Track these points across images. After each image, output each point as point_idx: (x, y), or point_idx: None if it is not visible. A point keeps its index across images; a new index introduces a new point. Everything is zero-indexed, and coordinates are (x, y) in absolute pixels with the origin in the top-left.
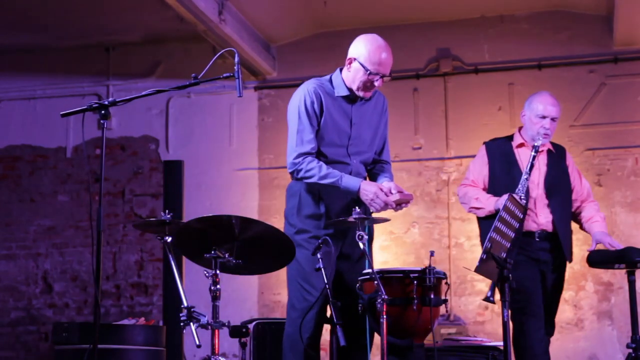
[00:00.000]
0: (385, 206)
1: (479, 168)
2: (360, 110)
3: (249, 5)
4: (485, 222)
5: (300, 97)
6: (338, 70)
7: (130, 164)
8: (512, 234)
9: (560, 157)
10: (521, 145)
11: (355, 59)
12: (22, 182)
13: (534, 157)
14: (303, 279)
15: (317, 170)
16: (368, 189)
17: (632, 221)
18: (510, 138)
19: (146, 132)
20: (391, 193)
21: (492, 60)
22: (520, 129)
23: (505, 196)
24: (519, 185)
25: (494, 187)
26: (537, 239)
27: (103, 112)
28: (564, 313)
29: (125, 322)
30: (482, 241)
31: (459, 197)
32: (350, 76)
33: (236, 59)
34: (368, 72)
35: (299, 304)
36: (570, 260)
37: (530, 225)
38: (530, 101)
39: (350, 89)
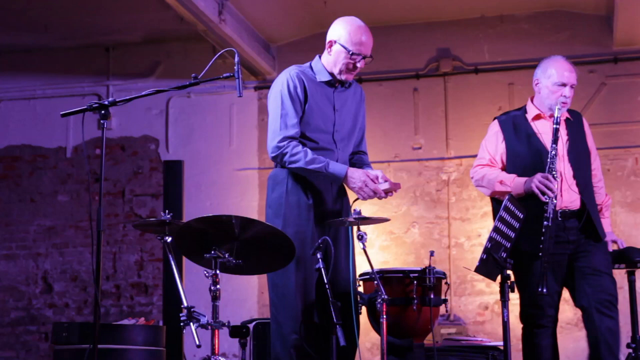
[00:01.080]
0: (374, 194)
1: (495, 145)
2: (342, 97)
3: (249, 5)
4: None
5: (282, 82)
6: (317, 57)
7: (130, 164)
8: (512, 234)
9: (578, 125)
10: (538, 117)
11: (335, 41)
12: (22, 182)
13: (557, 129)
14: (287, 276)
15: (302, 155)
16: (356, 176)
17: (632, 221)
18: (522, 110)
19: (146, 132)
20: (378, 181)
21: (492, 60)
22: (532, 98)
23: (524, 181)
24: (549, 163)
25: (514, 166)
26: (560, 219)
27: (103, 112)
28: (564, 313)
29: (125, 322)
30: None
31: (475, 180)
32: (332, 59)
33: (236, 59)
34: (350, 52)
35: (284, 302)
36: (603, 237)
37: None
38: (545, 67)
39: (331, 74)
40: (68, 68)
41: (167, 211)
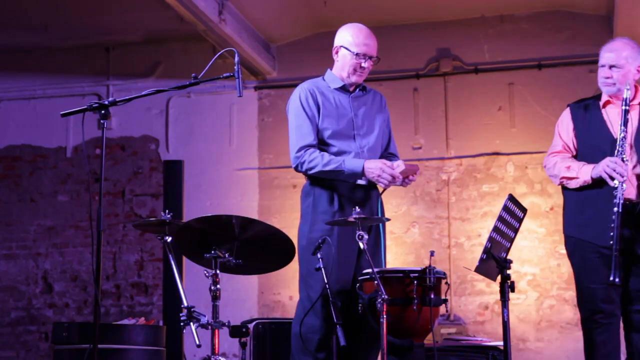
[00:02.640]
0: (393, 180)
1: (566, 132)
2: (358, 102)
3: (249, 5)
4: (575, 194)
5: (295, 97)
6: (328, 69)
7: (130, 164)
8: (512, 234)
9: None
10: (608, 102)
11: (341, 47)
12: (22, 182)
13: (626, 110)
14: (315, 279)
15: (319, 159)
16: (373, 166)
17: None
18: (597, 97)
19: (146, 132)
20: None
21: (492, 60)
22: None
23: (585, 172)
24: (617, 146)
25: (583, 154)
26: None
27: (103, 112)
28: (564, 313)
29: (125, 322)
30: (568, 222)
31: (547, 168)
32: (340, 64)
33: (236, 59)
34: (355, 54)
35: (309, 303)
36: None
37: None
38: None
39: (343, 79)
40: (68, 68)
41: (167, 211)
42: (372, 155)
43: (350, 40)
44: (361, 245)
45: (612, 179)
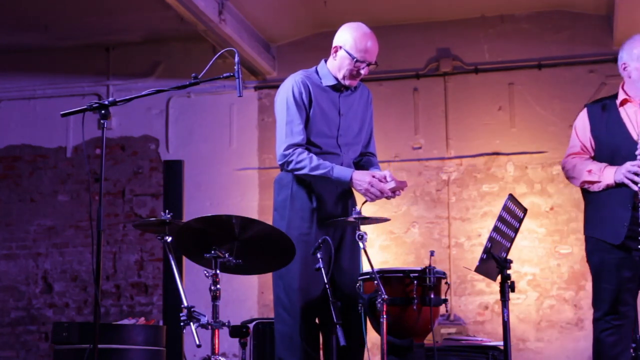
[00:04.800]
0: (381, 194)
1: (583, 133)
2: (348, 101)
3: (249, 5)
4: (593, 194)
5: (287, 88)
6: (322, 61)
7: (130, 164)
8: (512, 234)
9: None
10: (625, 101)
11: (341, 47)
12: (22, 182)
13: None
14: (292, 277)
15: (308, 162)
16: (361, 179)
17: None
18: (614, 97)
19: (146, 132)
20: (386, 180)
21: (492, 60)
22: (623, 84)
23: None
24: (638, 149)
25: (601, 154)
26: (632, 211)
27: (103, 112)
28: (564, 313)
29: (125, 322)
30: (586, 222)
31: (565, 170)
32: (336, 65)
33: (236, 59)
34: (354, 59)
35: (289, 304)
36: None
37: None
38: (631, 48)
39: (337, 78)
40: (68, 68)
41: (167, 211)
42: (353, 155)
43: (352, 43)
44: (361, 245)
45: (635, 183)
